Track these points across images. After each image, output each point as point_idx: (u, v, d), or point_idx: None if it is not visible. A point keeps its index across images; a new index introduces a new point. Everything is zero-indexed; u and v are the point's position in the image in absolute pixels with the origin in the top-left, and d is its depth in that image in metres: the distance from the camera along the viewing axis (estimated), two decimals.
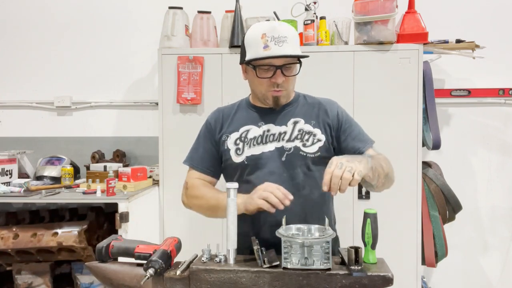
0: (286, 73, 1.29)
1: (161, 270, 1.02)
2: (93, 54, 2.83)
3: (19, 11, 2.87)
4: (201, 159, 1.46)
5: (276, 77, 1.27)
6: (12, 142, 2.79)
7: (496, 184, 2.67)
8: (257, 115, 1.39)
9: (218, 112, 1.48)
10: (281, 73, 1.28)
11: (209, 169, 1.45)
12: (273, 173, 1.30)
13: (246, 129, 1.37)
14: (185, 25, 2.41)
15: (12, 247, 2.13)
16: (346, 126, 1.38)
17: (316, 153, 1.32)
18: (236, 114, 1.43)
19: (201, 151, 1.46)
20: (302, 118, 1.36)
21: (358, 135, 1.38)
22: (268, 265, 1.02)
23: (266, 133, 1.35)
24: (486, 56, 2.38)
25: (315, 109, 1.39)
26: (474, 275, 2.69)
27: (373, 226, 1.05)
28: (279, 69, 1.27)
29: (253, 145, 1.34)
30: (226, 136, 1.39)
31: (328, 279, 0.99)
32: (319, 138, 1.34)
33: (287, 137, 1.34)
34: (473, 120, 2.66)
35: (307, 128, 1.35)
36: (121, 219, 1.97)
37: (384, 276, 0.98)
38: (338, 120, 1.38)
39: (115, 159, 2.65)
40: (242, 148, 1.35)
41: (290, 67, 1.30)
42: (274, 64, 1.27)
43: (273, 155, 1.32)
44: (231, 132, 1.39)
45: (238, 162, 1.34)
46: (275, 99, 1.33)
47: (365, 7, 2.20)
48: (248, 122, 1.39)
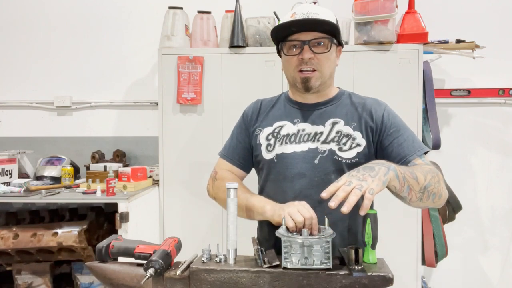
0: (315, 49, 1.20)
1: (161, 270, 1.02)
2: (93, 54, 2.83)
3: (19, 11, 2.87)
4: (232, 150, 1.38)
5: (303, 53, 1.19)
6: (12, 142, 2.79)
7: (496, 184, 2.67)
8: (294, 111, 1.30)
9: (256, 103, 1.40)
10: (309, 49, 1.19)
11: (239, 161, 1.37)
12: (303, 176, 1.22)
13: (280, 125, 1.29)
14: (185, 25, 2.41)
15: (12, 247, 2.13)
16: (392, 130, 1.23)
17: (353, 159, 1.21)
18: (273, 107, 1.35)
19: (234, 141, 1.39)
20: (342, 119, 1.25)
21: (405, 141, 1.22)
22: (268, 265, 1.02)
23: (301, 132, 1.26)
24: (486, 56, 2.38)
25: (359, 109, 1.27)
26: (474, 275, 2.69)
27: (373, 226, 1.05)
28: (306, 45, 1.18)
29: (285, 142, 1.26)
30: (259, 130, 1.32)
31: (328, 279, 0.99)
32: (358, 142, 1.23)
33: (322, 138, 1.23)
34: (473, 120, 2.66)
35: (346, 131, 1.23)
36: (121, 219, 1.97)
37: (384, 276, 0.98)
38: (382, 123, 1.24)
39: (115, 159, 2.65)
40: (273, 145, 1.27)
41: (320, 42, 1.20)
42: (301, 39, 1.19)
43: (305, 156, 1.23)
44: (264, 126, 1.31)
45: (268, 159, 1.27)
46: (304, 80, 1.22)
47: (365, 7, 2.20)
48: (283, 118, 1.30)
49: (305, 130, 1.26)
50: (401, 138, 1.22)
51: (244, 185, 1.34)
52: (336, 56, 1.29)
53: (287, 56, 1.24)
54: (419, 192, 1.10)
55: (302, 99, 1.31)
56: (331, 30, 1.21)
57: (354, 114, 1.26)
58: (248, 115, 1.38)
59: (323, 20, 1.18)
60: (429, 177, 1.12)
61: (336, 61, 1.29)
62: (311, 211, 1.10)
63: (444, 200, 1.21)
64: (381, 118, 1.25)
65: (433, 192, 1.13)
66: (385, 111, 1.27)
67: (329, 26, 1.19)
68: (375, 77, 2.25)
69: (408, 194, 1.09)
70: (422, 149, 1.22)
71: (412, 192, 1.09)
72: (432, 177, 1.13)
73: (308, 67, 1.21)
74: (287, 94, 1.37)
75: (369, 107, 1.27)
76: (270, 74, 2.30)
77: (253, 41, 2.35)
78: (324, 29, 1.20)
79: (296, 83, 1.25)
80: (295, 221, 1.08)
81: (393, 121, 1.25)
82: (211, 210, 2.35)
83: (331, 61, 1.24)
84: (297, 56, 1.21)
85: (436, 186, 1.14)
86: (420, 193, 1.10)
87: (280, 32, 1.24)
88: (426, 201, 1.14)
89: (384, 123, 1.24)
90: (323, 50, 1.21)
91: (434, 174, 1.15)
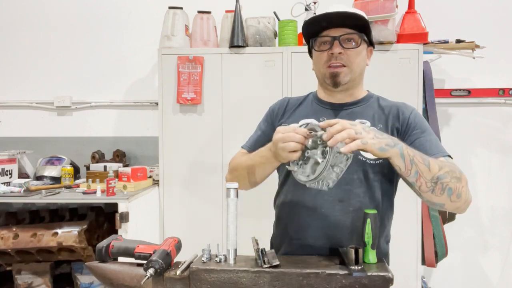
0: (345, 45, 1.20)
1: (161, 270, 1.01)
2: (93, 54, 2.83)
3: (19, 11, 2.87)
4: (255, 142, 1.37)
5: (333, 48, 1.20)
6: (12, 142, 2.79)
7: (496, 184, 2.67)
8: (321, 110, 1.29)
9: (283, 100, 1.40)
10: (339, 44, 1.20)
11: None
12: None
13: (306, 122, 1.25)
14: (185, 25, 2.41)
15: (12, 247, 2.13)
16: (417, 131, 1.21)
17: (377, 160, 1.19)
18: (300, 106, 1.34)
19: (259, 133, 1.38)
20: (369, 121, 1.24)
21: (428, 142, 1.19)
22: (268, 265, 1.02)
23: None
24: (486, 56, 2.38)
25: (386, 112, 1.26)
26: (474, 275, 2.69)
27: (373, 226, 1.05)
28: (336, 40, 1.19)
29: None
30: (284, 125, 1.30)
31: (328, 279, 0.99)
32: None
33: None
34: (473, 120, 2.67)
35: None
36: (121, 219, 1.97)
37: (384, 276, 0.98)
38: (407, 124, 1.23)
39: (115, 159, 2.65)
40: None
41: (350, 38, 1.21)
42: (331, 35, 1.20)
43: None
44: (290, 122, 1.30)
45: None
46: (332, 75, 1.22)
47: (365, 7, 2.20)
48: (309, 115, 1.29)
49: None
50: (423, 139, 1.20)
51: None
52: (367, 55, 1.29)
53: (317, 51, 1.25)
54: (430, 181, 1.05)
55: (330, 98, 1.30)
56: (361, 26, 1.22)
57: (381, 117, 1.26)
58: (274, 111, 1.38)
59: (354, 13, 1.20)
60: (446, 169, 1.07)
61: (366, 60, 1.28)
62: (296, 131, 1.07)
63: (465, 205, 1.14)
64: (407, 119, 1.24)
65: (448, 187, 1.07)
66: (412, 114, 1.26)
67: (360, 21, 1.20)
68: (375, 77, 2.24)
69: (417, 180, 1.05)
70: (446, 152, 1.19)
71: (422, 179, 1.05)
72: (450, 171, 1.08)
73: (337, 63, 1.21)
74: (315, 93, 1.37)
75: (397, 109, 1.26)
76: (270, 74, 2.30)
77: (253, 41, 2.35)
78: (354, 24, 1.21)
79: (325, 78, 1.25)
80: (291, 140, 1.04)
81: (419, 123, 1.24)
82: (211, 210, 2.35)
83: (360, 58, 1.24)
84: (327, 52, 1.21)
85: (454, 182, 1.08)
86: (431, 182, 1.06)
87: (311, 27, 1.24)
88: (440, 196, 1.08)
89: (409, 123, 1.23)
90: (353, 46, 1.21)
91: (454, 170, 1.09)
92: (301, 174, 1.05)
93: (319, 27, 1.22)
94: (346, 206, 1.19)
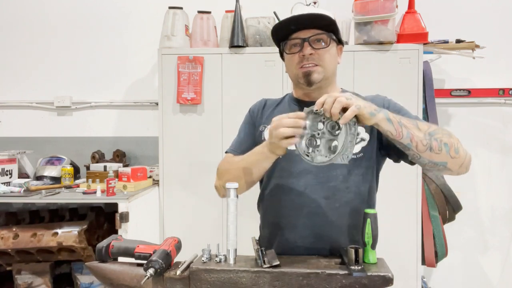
0: (315, 46, 1.22)
1: (161, 270, 1.01)
2: (93, 54, 2.83)
3: (19, 12, 2.87)
4: (240, 144, 1.36)
5: (304, 49, 1.22)
6: (12, 142, 2.79)
7: (496, 184, 2.67)
8: (298, 107, 1.30)
9: (261, 102, 1.42)
10: (309, 45, 1.22)
11: (244, 152, 1.31)
12: (309, 172, 1.21)
13: None
14: (185, 25, 2.41)
15: (12, 247, 2.13)
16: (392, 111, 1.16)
17: (357, 154, 1.22)
18: (277, 107, 1.37)
19: (242, 136, 1.39)
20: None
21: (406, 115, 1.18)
22: (268, 265, 1.02)
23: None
24: (486, 56, 2.38)
25: None
26: (474, 275, 2.69)
27: (373, 226, 1.05)
28: (306, 41, 1.22)
29: None
30: (264, 126, 1.33)
31: (328, 279, 0.99)
32: (362, 137, 1.24)
33: None
34: (473, 120, 2.66)
35: None
36: (121, 219, 1.97)
37: (384, 276, 0.98)
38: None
39: (115, 159, 2.65)
40: None
41: (319, 39, 1.23)
42: (300, 37, 1.23)
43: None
44: (269, 123, 1.27)
45: None
46: (305, 75, 1.23)
47: (365, 7, 2.20)
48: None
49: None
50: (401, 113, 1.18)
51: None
52: (337, 53, 1.31)
53: (288, 54, 1.26)
54: (424, 138, 1.07)
55: (305, 97, 1.32)
56: (329, 26, 1.24)
57: None
58: (254, 111, 1.40)
59: (320, 14, 1.22)
60: (434, 127, 1.11)
61: (337, 58, 1.31)
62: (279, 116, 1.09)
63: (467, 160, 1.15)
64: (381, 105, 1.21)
65: (444, 142, 1.09)
66: (385, 100, 1.30)
67: (327, 21, 1.23)
68: (375, 77, 2.25)
69: (411, 140, 1.06)
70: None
71: (415, 139, 1.06)
72: (438, 128, 1.11)
73: (309, 63, 1.23)
74: (291, 94, 1.39)
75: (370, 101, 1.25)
76: (270, 74, 2.30)
77: (253, 41, 2.35)
78: (322, 25, 1.23)
79: (299, 78, 1.26)
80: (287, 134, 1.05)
81: (393, 105, 1.27)
82: (211, 210, 2.35)
83: (331, 56, 1.26)
84: (298, 54, 1.23)
85: (447, 137, 1.10)
86: (426, 139, 1.07)
87: (280, 32, 1.26)
88: (440, 152, 1.08)
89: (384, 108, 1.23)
90: (323, 46, 1.23)
91: (441, 128, 1.13)
92: (319, 156, 1.05)
93: (288, 30, 1.24)
94: (332, 202, 1.20)
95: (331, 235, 1.19)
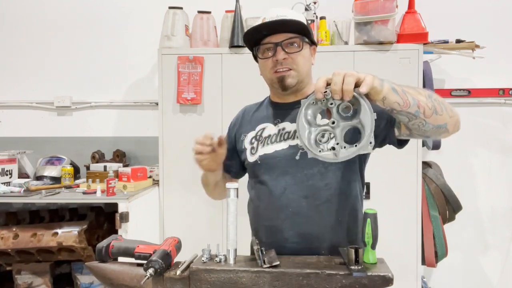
0: (288, 50, 1.22)
1: (161, 270, 1.01)
2: (93, 54, 2.83)
3: (19, 11, 2.87)
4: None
5: (277, 54, 1.21)
6: (12, 142, 2.79)
7: (496, 184, 2.67)
8: (275, 112, 1.32)
9: (241, 111, 1.45)
10: (281, 49, 1.22)
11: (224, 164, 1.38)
12: (286, 173, 1.23)
13: (262, 127, 1.32)
14: (185, 25, 2.41)
15: (12, 247, 2.13)
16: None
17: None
18: (256, 112, 1.38)
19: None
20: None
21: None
22: (268, 265, 1.02)
23: (281, 131, 1.28)
24: (486, 56, 2.38)
25: None
26: (474, 275, 2.69)
27: (373, 226, 1.04)
28: (279, 46, 1.21)
29: (266, 143, 1.28)
30: (244, 135, 1.35)
31: (328, 279, 0.99)
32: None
33: None
34: (473, 120, 2.66)
35: None
36: (121, 219, 1.97)
37: (384, 276, 0.98)
38: None
39: (115, 159, 2.65)
40: (256, 147, 1.30)
41: (292, 42, 1.23)
42: (273, 41, 1.22)
43: (286, 153, 1.24)
44: (248, 131, 1.35)
45: (252, 161, 1.30)
46: (280, 79, 1.24)
47: (365, 7, 2.20)
48: (265, 120, 1.33)
49: (285, 129, 1.28)
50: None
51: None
52: (311, 54, 1.31)
53: (262, 59, 1.27)
54: (428, 102, 1.03)
55: (281, 99, 1.33)
56: (301, 30, 1.23)
57: None
58: (232, 124, 1.45)
59: (291, 20, 1.21)
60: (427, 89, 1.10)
61: (311, 60, 1.30)
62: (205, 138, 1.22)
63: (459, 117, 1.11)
64: None
65: (440, 101, 1.07)
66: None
67: (298, 26, 1.22)
68: None
69: (419, 107, 1.01)
70: None
71: (422, 104, 1.02)
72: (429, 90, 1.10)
73: (283, 67, 1.23)
74: (269, 97, 1.40)
75: None
76: None
77: None
78: (294, 29, 1.22)
79: (273, 83, 1.27)
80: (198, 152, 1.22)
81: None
82: (211, 210, 2.35)
83: (305, 59, 1.26)
84: (271, 58, 1.23)
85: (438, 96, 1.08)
86: (430, 103, 1.03)
87: (252, 37, 1.26)
88: (442, 113, 1.05)
89: None
90: (296, 50, 1.23)
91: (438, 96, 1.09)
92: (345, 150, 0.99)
93: (260, 35, 1.24)
94: (313, 201, 1.20)
95: (315, 233, 1.20)
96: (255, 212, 1.31)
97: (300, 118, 1.04)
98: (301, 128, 1.04)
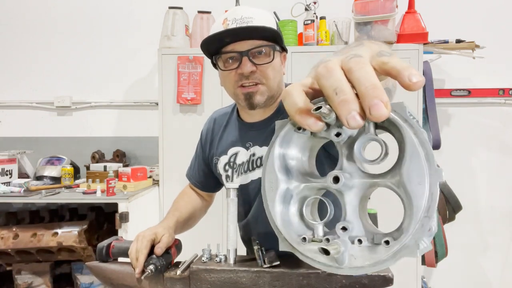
0: (256, 60, 1.01)
1: (161, 267, 1.02)
2: (93, 54, 2.83)
3: (19, 11, 2.87)
4: (196, 170, 1.39)
5: (242, 66, 1.00)
6: (12, 142, 2.79)
7: (496, 184, 2.67)
8: (245, 133, 1.15)
9: (211, 121, 1.29)
10: (248, 60, 1.00)
11: (199, 182, 1.39)
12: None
13: (234, 152, 1.18)
14: (185, 25, 2.41)
15: (12, 247, 2.13)
16: None
17: None
18: (226, 128, 1.22)
19: (196, 160, 1.39)
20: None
21: None
22: (268, 265, 1.02)
23: (252, 158, 1.13)
24: (486, 56, 2.38)
25: None
26: (474, 275, 2.69)
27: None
28: (245, 56, 1.00)
29: (241, 173, 1.17)
30: (216, 159, 1.24)
31: (328, 279, 0.99)
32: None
33: None
34: (473, 120, 2.67)
35: None
36: (121, 219, 1.97)
37: (384, 276, 0.98)
38: None
39: (115, 159, 2.65)
40: (231, 176, 1.20)
41: (260, 52, 1.02)
42: (237, 50, 1.01)
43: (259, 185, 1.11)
44: (220, 154, 1.22)
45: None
46: (247, 97, 1.05)
47: (365, 7, 2.20)
48: (236, 142, 1.18)
49: (255, 155, 1.14)
50: None
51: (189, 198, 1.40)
52: (282, 63, 1.10)
53: (224, 71, 1.05)
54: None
55: (249, 117, 1.16)
56: (271, 36, 1.03)
57: None
58: (202, 138, 1.31)
59: (259, 26, 0.99)
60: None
61: (282, 70, 1.10)
62: (138, 245, 1.04)
63: None
64: None
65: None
66: None
67: (268, 32, 1.01)
68: None
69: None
70: None
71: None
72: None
73: (250, 82, 1.03)
74: (236, 112, 1.22)
75: None
76: None
77: None
78: (262, 36, 1.02)
79: (239, 100, 1.08)
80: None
81: None
82: (211, 210, 2.34)
83: (276, 71, 1.05)
84: (235, 71, 1.03)
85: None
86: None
87: (212, 45, 1.05)
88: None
89: None
90: (266, 60, 1.02)
91: None
92: (361, 254, 0.46)
93: (222, 42, 1.03)
94: None
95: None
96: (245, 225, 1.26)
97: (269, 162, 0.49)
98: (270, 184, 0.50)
